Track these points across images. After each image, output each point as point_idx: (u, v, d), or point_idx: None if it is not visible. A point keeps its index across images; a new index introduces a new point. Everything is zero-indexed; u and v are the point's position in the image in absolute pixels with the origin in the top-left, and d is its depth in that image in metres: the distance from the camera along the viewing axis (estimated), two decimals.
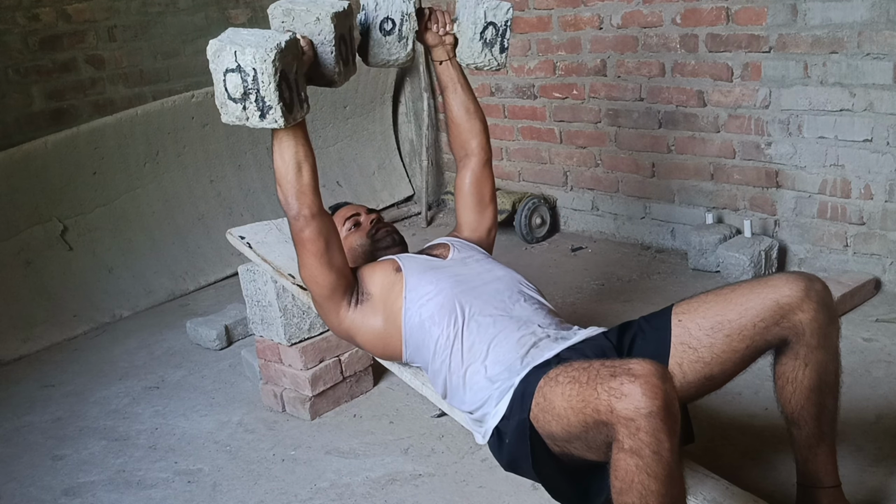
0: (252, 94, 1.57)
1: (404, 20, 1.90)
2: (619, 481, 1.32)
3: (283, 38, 1.59)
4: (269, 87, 1.56)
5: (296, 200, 1.76)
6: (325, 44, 1.72)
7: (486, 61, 2.00)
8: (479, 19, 1.95)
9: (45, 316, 3.34)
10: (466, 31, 1.97)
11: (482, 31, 1.96)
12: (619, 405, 1.29)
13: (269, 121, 1.60)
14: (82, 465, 2.39)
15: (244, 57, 1.56)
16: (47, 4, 3.53)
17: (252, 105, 1.58)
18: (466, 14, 1.97)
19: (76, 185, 3.47)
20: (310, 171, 1.75)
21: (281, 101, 1.59)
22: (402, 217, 4.44)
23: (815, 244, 3.08)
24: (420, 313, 1.82)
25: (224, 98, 1.61)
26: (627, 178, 3.68)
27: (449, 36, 2.01)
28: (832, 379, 1.64)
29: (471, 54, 1.99)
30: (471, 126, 2.11)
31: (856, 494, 1.82)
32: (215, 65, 1.60)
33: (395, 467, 2.21)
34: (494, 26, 1.96)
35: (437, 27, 2.01)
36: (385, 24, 1.89)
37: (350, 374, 2.56)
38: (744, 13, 3.06)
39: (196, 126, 3.77)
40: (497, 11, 1.96)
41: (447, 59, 2.04)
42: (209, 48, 1.60)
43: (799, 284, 1.57)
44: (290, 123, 1.64)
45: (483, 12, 1.95)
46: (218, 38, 1.61)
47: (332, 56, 1.74)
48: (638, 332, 1.73)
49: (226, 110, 1.62)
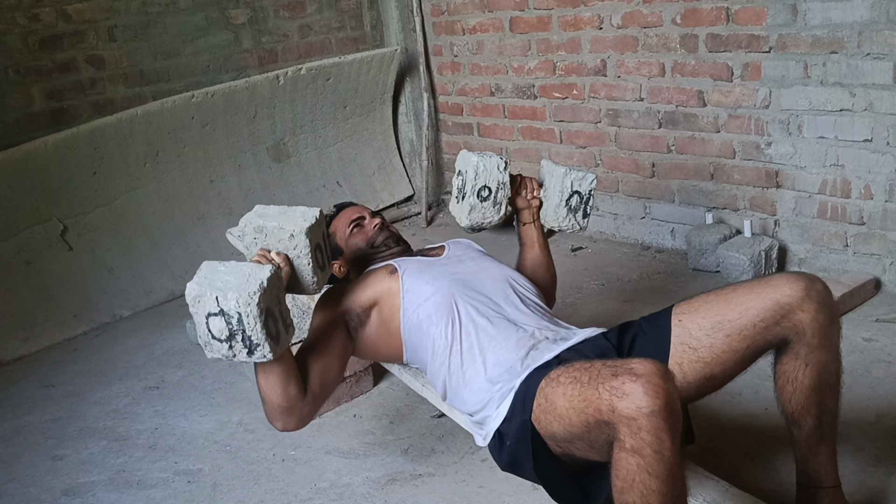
0: (238, 334, 1.53)
1: (500, 188, 2.02)
2: (621, 480, 1.33)
3: (265, 276, 1.55)
4: (256, 328, 1.52)
5: (283, 418, 1.72)
6: (302, 257, 1.70)
7: (570, 225, 2.11)
8: (567, 188, 2.08)
9: (45, 316, 3.34)
10: (553, 198, 2.09)
11: (568, 199, 2.08)
12: (620, 404, 1.30)
13: (257, 356, 1.56)
14: (82, 465, 2.39)
15: (227, 302, 1.51)
16: (47, 4, 3.53)
17: (239, 344, 1.54)
18: (554, 182, 2.09)
19: (76, 185, 3.47)
20: (296, 383, 1.69)
21: (268, 338, 1.55)
22: (402, 217, 4.45)
23: (815, 244, 3.08)
24: (418, 314, 1.82)
25: (208, 338, 1.56)
26: (627, 178, 3.68)
27: (536, 200, 2.12)
28: (833, 379, 1.64)
29: (555, 218, 2.11)
30: (540, 281, 2.13)
31: (856, 494, 1.82)
32: (196, 309, 1.55)
33: (395, 467, 2.21)
34: (580, 195, 2.09)
35: (526, 192, 2.11)
36: (482, 192, 2.01)
37: (350, 374, 2.56)
38: (744, 13, 3.06)
39: (196, 126, 3.77)
40: (583, 182, 2.08)
41: (531, 221, 2.13)
42: (188, 293, 1.55)
43: (799, 284, 1.57)
44: (279, 354, 1.60)
45: (570, 182, 2.07)
46: (195, 282, 1.56)
47: (309, 268, 1.72)
48: (638, 333, 1.73)
49: (210, 349, 1.58)
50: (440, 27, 4.35)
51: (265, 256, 1.69)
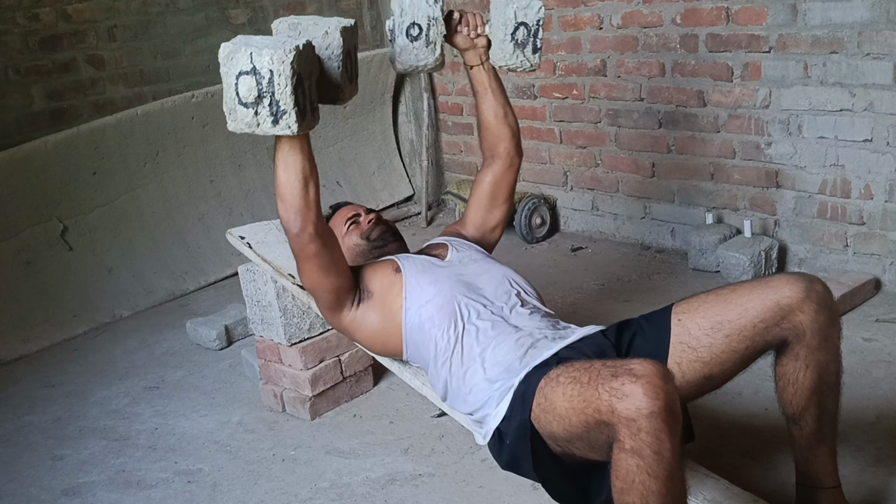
0: (266, 97, 1.51)
1: (431, 25, 1.87)
2: (620, 481, 1.32)
3: (301, 42, 1.54)
4: (286, 91, 1.50)
5: (300, 218, 1.70)
6: (333, 59, 1.67)
7: (519, 62, 1.94)
8: (510, 20, 1.90)
9: (45, 316, 3.34)
10: (497, 33, 1.92)
11: (513, 32, 1.91)
12: (620, 405, 1.29)
13: (281, 126, 1.54)
14: (82, 465, 2.39)
15: (260, 59, 1.49)
16: (47, 4, 3.53)
17: (265, 109, 1.52)
18: (497, 15, 1.92)
19: (76, 185, 3.47)
20: (315, 188, 1.70)
21: (296, 106, 1.52)
22: (402, 217, 4.44)
23: (815, 244, 3.08)
24: (420, 314, 1.82)
25: (234, 103, 1.54)
26: (627, 178, 3.68)
27: (481, 38, 1.96)
28: (833, 380, 1.64)
29: (502, 56, 1.94)
30: (500, 131, 2.05)
31: (856, 495, 1.82)
32: (227, 68, 1.53)
33: (395, 467, 2.21)
34: (526, 26, 1.91)
35: (468, 30, 1.96)
36: (412, 30, 1.85)
37: (350, 374, 2.56)
38: (744, 13, 3.06)
39: (196, 126, 3.77)
40: (528, 11, 1.91)
41: (479, 63, 2.00)
42: (221, 50, 1.54)
43: (799, 285, 1.57)
44: (303, 131, 1.57)
45: (513, 12, 1.90)
46: (231, 42, 1.55)
47: (338, 71, 1.68)
48: (637, 331, 1.73)
49: (234, 116, 1.56)
50: None
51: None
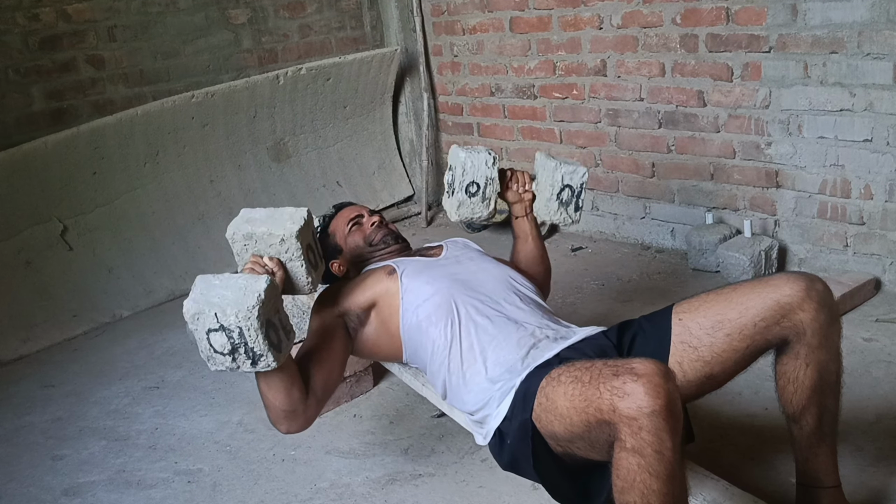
0: (240, 347, 1.53)
1: (488, 184, 2.04)
2: (621, 480, 1.32)
3: (262, 287, 1.54)
4: (258, 339, 1.52)
5: (286, 422, 1.71)
6: (294, 260, 1.71)
7: (561, 219, 2.11)
8: (557, 182, 2.07)
9: (45, 316, 3.34)
10: (544, 192, 2.09)
11: (559, 193, 2.08)
12: (621, 404, 1.29)
13: (262, 366, 1.57)
14: (82, 465, 2.39)
15: (226, 318, 1.51)
16: (47, 4, 3.53)
17: (242, 356, 1.54)
18: (545, 176, 2.09)
19: (76, 185, 3.47)
20: (298, 387, 1.69)
21: (271, 348, 1.55)
22: (402, 217, 4.45)
23: (815, 244, 3.08)
24: (417, 314, 1.82)
25: (210, 352, 1.56)
26: (627, 178, 3.68)
27: (528, 194, 2.12)
28: (833, 379, 1.64)
29: (547, 212, 2.11)
30: (534, 273, 2.15)
31: (856, 494, 1.82)
32: (195, 326, 1.55)
33: (395, 467, 2.21)
34: (571, 188, 2.08)
35: (518, 186, 2.12)
36: (471, 188, 2.03)
37: (350, 374, 2.56)
38: (744, 13, 3.06)
39: (196, 126, 3.77)
40: (574, 175, 2.08)
41: (524, 215, 2.14)
42: (186, 311, 1.54)
43: (800, 284, 1.57)
44: (282, 361, 1.60)
45: (561, 176, 2.06)
46: (192, 299, 1.55)
47: (303, 269, 1.72)
48: (638, 331, 1.73)
49: (213, 362, 1.58)
50: (440, 27, 4.35)
51: (258, 263, 1.70)
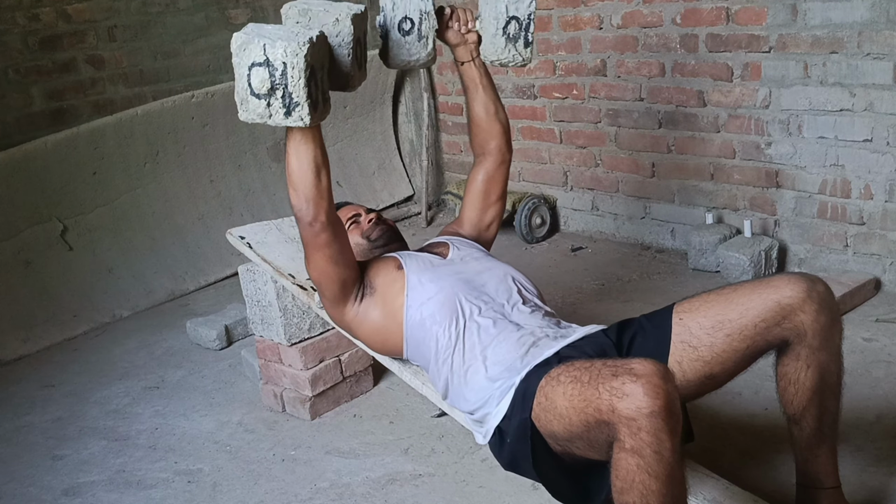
0: (279, 89, 1.51)
1: (423, 19, 1.86)
2: (621, 481, 1.32)
3: (314, 34, 1.54)
4: (299, 83, 1.50)
5: (313, 206, 1.70)
6: (343, 45, 1.66)
7: (511, 57, 1.94)
8: (501, 14, 1.90)
9: (45, 316, 3.34)
10: (489, 28, 1.92)
11: (505, 27, 1.90)
12: (620, 405, 1.29)
13: (294, 118, 1.54)
14: (82, 465, 2.39)
15: (274, 50, 1.49)
16: (47, 4, 3.53)
17: (277, 101, 1.52)
18: (488, 10, 1.92)
19: (76, 185, 3.47)
20: (327, 177, 1.69)
21: (309, 98, 1.53)
22: (402, 217, 4.44)
23: (815, 244, 3.08)
24: (421, 312, 1.82)
25: (246, 94, 1.54)
26: (627, 178, 3.68)
27: (472, 34, 1.97)
28: (834, 380, 1.64)
29: (494, 51, 1.93)
30: (490, 127, 2.06)
31: (856, 495, 1.82)
32: (239, 58, 1.53)
33: (395, 467, 2.21)
34: (517, 20, 1.90)
35: (459, 25, 1.97)
36: (403, 24, 1.85)
37: (350, 374, 2.56)
38: (744, 13, 3.06)
39: (196, 126, 3.77)
40: (519, 5, 1.91)
41: (470, 59, 2.00)
42: (234, 41, 1.54)
43: (801, 285, 1.57)
44: (315, 122, 1.58)
45: (504, 6, 1.90)
46: (242, 31, 1.54)
47: (348, 59, 1.68)
48: (638, 330, 1.73)
49: (246, 107, 1.56)
50: None
51: None
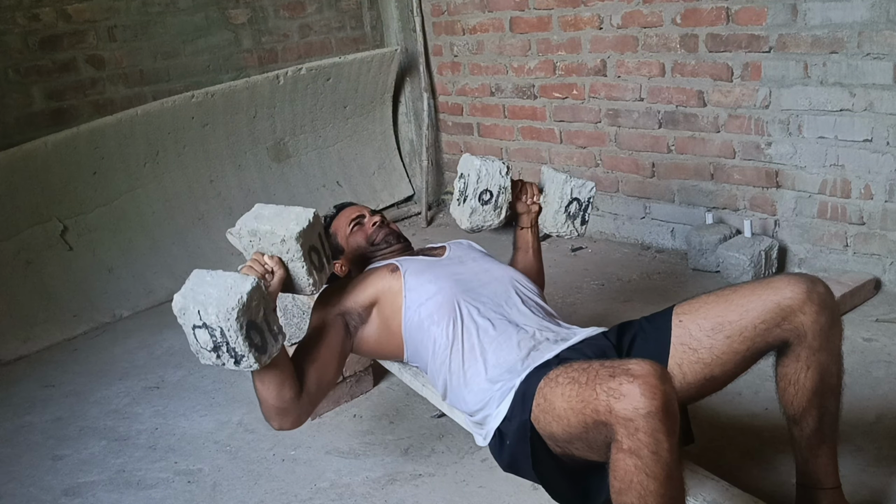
0: (223, 346, 1.56)
1: (501, 193, 2.05)
2: (618, 481, 1.33)
3: (245, 290, 1.57)
4: (238, 340, 1.55)
5: (278, 419, 1.73)
6: (295, 261, 1.73)
7: (568, 231, 2.14)
8: (566, 195, 2.10)
9: (45, 316, 3.34)
10: (552, 204, 2.12)
11: (567, 206, 2.11)
12: (617, 405, 1.30)
13: (244, 366, 1.59)
14: (82, 465, 2.39)
15: (208, 316, 1.54)
16: (47, 4, 3.53)
17: (225, 355, 1.57)
18: (554, 188, 2.11)
19: (76, 185, 3.47)
20: (290, 386, 1.70)
21: (252, 349, 1.57)
22: (402, 217, 4.45)
23: (815, 244, 3.08)
24: (419, 312, 1.82)
25: (197, 347, 1.60)
26: (627, 178, 3.68)
27: (535, 206, 2.14)
28: (834, 381, 1.64)
29: (554, 224, 2.14)
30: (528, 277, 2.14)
31: (856, 495, 1.82)
32: (183, 320, 1.59)
33: (395, 467, 2.21)
34: (579, 202, 2.11)
35: (526, 197, 2.13)
36: (484, 196, 2.04)
37: (350, 374, 2.56)
38: (744, 13, 3.06)
39: (196, 126, 3.77)
40: (582, 189, 2.11)
41: (529, 226, 2.16)
42: (175, 304, 1.59)
43: (801, 286, 1.57)
44: (265, 363, 1.62)
45: (570, 189, 2.10)
46: (181, 293, 1.59)
47: (303, 270, 1.74)
48: (638, 332, 1.73)
49: (202, 356, 1.61)
50: (440, 27, 4.35)
51: (258, 261, 1.71)
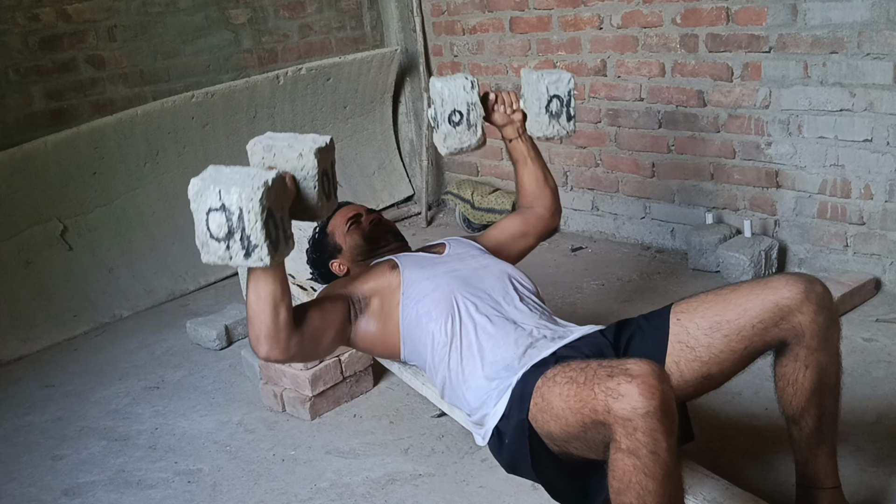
0: (237, 232, 1.52)
1: (470, 109, 1.98)
2: (617, 481, 1.33)
3: (270, 176, 1.55)
4: (256, 226, 1.51)
5: (267, 343, 1.67)
6: (308, 179, 1.70)
7: (556, 131, 2.04)
8: (543, 94, 2.00)
9: (45, 316, 3.34)
10: (532, 107, 2.03)
11: (547, 105, 2.01)
12: (616, 405, 1.30)
13: (253, 259, 1.55)
14: (82, 465, 2.39)
15: (229, 196, 1.51)
16: (47, 4, 3.53)
17: (236, 244, 1.53)
18: (530, 91, 2.02)
19: (76, 185, 3.47)
20: (286, 311, 1.66)
21: (267, 240, 1.54)
22: (402, 217, 4.44)
23: (815, 244, 3.08)
24: (417, 309, 1.82)
25: (206, 237, 1.56)
26: (627, 178, 3.68)
27: (517, 113, 2.06)
28: (833, 381, 1.64)
29: (539, 128, 2.04)
30: (541, 193, 2.14)
31: (856, 495, 1.82)
32: (196, 204, 1.55)
33: (395, 467, 2.21)
34: (559, 98, 2.02)
35: (504, 108, 2.07)
36: (454, 117, 1.97)
37: (350, 374, 2.56)
38: (744, 13, 3.06)
39: (196, 126, 3.77)
40: (559, 84, 2.01)
41: (517, 136, 2.09)
42: (191, 187, 1.56)
43: (798, 286, 1.57)
44: (275, 262, 1.59)
45: (545, 87, 2.00)
46: (200, 177, 1.56)
47: (314, 191, 1.71)
48: (636, 331, 1.73)
49: (207, 249, 1.57)
50: (440, 27, 4.35)
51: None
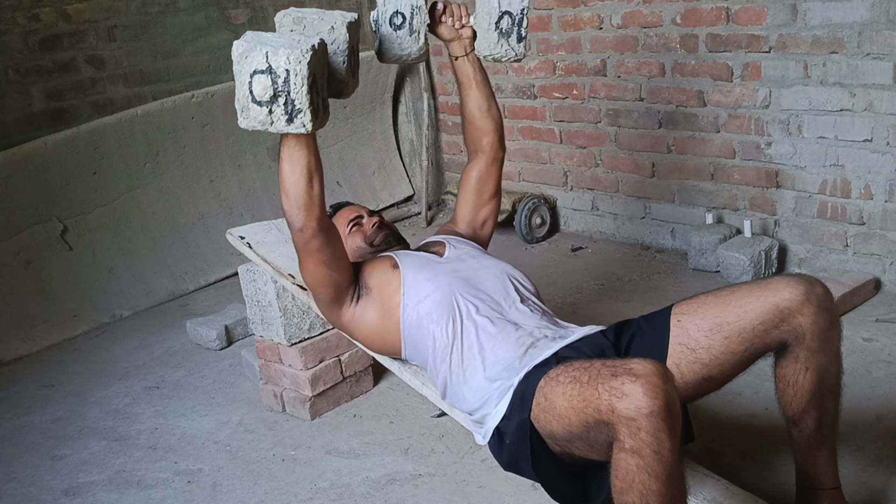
0: (282, 96, 1.51)
1: (414, 13, 1.86)
2: (620, 481, 1.33)
3: (315, 41, 1.53)
4: (302, 90, 1.50)
5: (303, 213, 1.70)
6: (339, 53, 1.67)
7: (504, 52, 1.92)
8: (494, 9, 1.89)
9: (45, 316, 3.34)
10: (482, 23, 1.92)
11: (497, 21, 1.89)
12: (620, 405, 1.29)
13: (296, 125, 1.54)
14: (82, 465, 2.39)
15: (277, 58, 1.49)
16: (47, 4, 3.53)
17: (280, 108, 1.52)
18: (481, 4, 1.91)
19: (76, 185, 3.47)
20: (319, 183, 1.69)
21: (311, 105, 1.53)
22: (402, 217, 4.44)
23: (815, 244, 3.08)
24: (418, 310, 1.82)
25: (247, 101, 1.54)
26: (627, 178, 3.68)
27: (466, 29, 1.96)
28: (833, 382, 1.64)
29: (487, 45, 1.93)
30: (483, 124, 2.07)
31: (856, 495, 1.82)
32: (241, 66, 1.53)
33: (395, 467, 2.21)
34: (510, 15, 1.89)
35: (453, 20, 1.96)
36: (395, 19, 1.85)
37: (350, 374, 2.56)
38: (744, 13, 3.06)
39: (196, 126, 3.77)
40: (512, 0, 1.90)
41: (464, 54, 1.99)
42: (235, 48, 1.54)
43: (799, 288, 1.57)
44: (316, 129, 1.57)
45: (497, 1, 1.89)
46: (243, 39, 1.54)
47: (344, 66, 1.68)
48: (636, 332, 1.73)
49: (247, 114, 1.56)
50: None
51: None
